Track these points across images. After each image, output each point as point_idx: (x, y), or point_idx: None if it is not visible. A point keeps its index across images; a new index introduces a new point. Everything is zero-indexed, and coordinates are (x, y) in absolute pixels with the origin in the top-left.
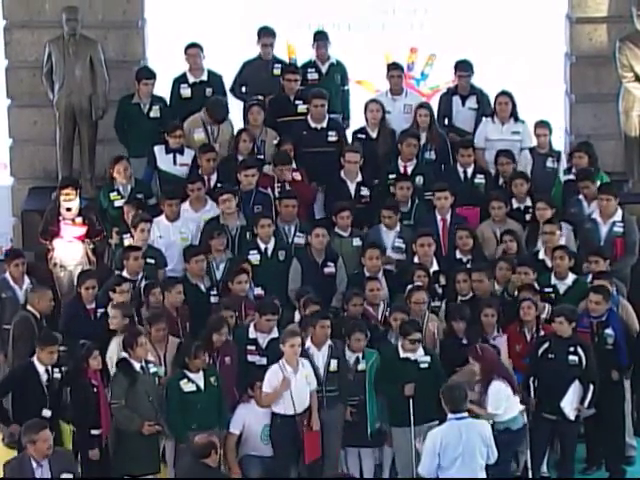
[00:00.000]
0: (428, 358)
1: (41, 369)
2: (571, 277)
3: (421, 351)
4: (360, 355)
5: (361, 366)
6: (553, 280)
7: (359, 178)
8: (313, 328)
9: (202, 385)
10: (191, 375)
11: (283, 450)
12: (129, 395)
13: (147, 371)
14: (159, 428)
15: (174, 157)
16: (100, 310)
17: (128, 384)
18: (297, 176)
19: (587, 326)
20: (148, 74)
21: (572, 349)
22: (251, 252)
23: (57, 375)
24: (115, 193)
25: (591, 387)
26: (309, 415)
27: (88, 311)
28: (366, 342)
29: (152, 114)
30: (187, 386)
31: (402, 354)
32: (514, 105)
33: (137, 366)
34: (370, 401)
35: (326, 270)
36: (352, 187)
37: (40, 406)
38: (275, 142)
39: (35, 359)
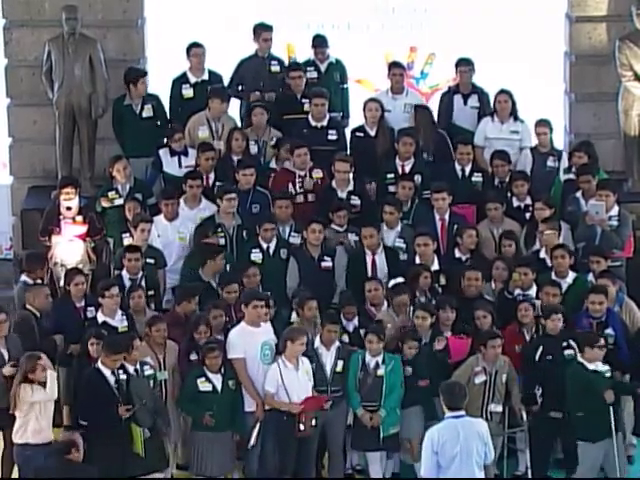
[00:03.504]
0: (608, 367)
1: (107, 372)
2: (571, 275)
3: (600, 360)
4: (380, 360)
5: (380, 371)
6: (554, 278)
7: (350, 187)
8: (322, 329)
9: (219, 387)
10: (210, 375)
11: (283, 445)
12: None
13: (141, 374)
14: (148, 434)
15: (179, 160)
16: (90, 308)
17: None
18: (319, 173)
19: (587, 327)
20: (137, 73)
21: (565, 344)
22: (253, 251)
23: (123, 376)
24: (113, 192)
25: None
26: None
27: (77, 309)
28: (381, 345)
29: (145, 114)
30: (203, 385)
31: (589, 366)
32: (514, 104)
33: (130, 369)
34: (386, 406)
35: (323, 264)
36: (343, 196)
37: (114, 407)
38: (272, 143)
39: (100, 364)
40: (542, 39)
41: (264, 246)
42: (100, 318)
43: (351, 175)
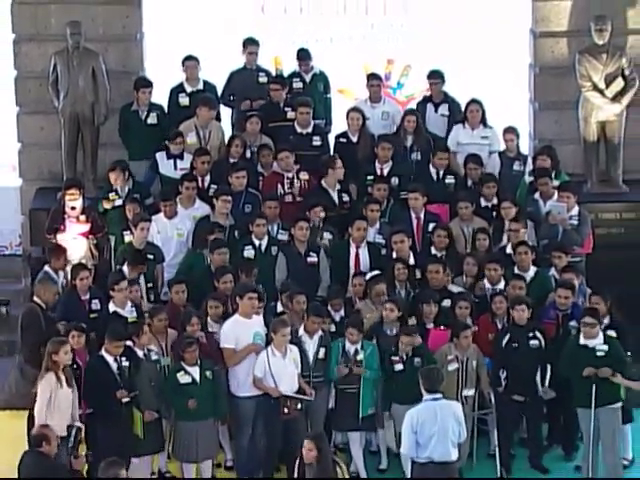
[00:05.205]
0: (606, 347)
1: (110, 359)
2: (533, 269)
3: (600, 339)
4: (359, 346)
5: (360, 357)
6: (518, 272)
7: (339, 186)
8: (306, 320)
9: (197, 378)
10: (187, 368)
11: (270, 427)
12: (134, 381)
13: (149, 358)
14: (157, 415)
15: (174, 162)
16: (94, 301)
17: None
18: (305, 175)
19: (553, 318)
20: (145, 83)
21: (531, 334)
22: (246, 248)
23: (125, 363)
24: (113, 194)
25: (548, 367)
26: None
27: (83, 302)
28: (361, 335)
29: (150, 120)
30: (183, 378)
31: (581, 341)
32: (483, 112)
33: (140, 353)
34: (364, 389)
35: (309, 260)
36: (334, 195)
37: (115, 392)
38: (254, 149)
39: (103, 351)
40: (509, 52)
41: (256, 243)
42: (111, 308)
43: None
